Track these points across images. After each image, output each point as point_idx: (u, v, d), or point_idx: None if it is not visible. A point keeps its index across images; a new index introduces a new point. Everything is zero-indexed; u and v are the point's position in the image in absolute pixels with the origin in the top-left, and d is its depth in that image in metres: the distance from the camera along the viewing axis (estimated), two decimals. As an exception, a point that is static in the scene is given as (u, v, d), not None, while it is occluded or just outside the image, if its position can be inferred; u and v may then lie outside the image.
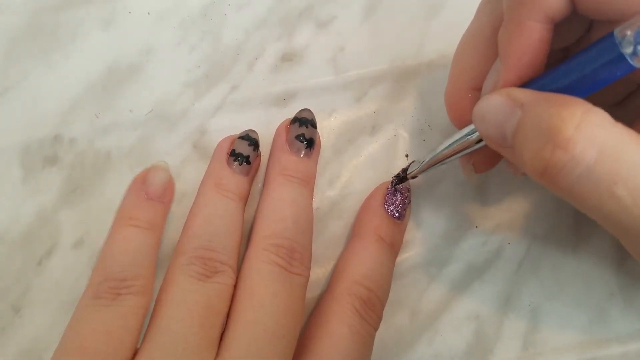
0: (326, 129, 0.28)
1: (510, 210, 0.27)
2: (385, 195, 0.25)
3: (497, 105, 0.18)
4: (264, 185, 0.25)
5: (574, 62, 0.17)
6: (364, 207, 0.26)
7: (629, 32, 0.16)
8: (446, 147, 0.22)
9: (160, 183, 0.24)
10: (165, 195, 0.25)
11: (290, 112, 0.27)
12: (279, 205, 0.24)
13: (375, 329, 0.23)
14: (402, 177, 0.25)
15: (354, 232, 0.26)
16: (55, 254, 0.26)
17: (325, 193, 0.27)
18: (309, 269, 0.23)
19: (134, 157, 0.27)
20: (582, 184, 0.16)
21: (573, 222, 0.26)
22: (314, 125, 0.26)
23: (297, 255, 0.23)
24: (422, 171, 0.24)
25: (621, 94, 0.22)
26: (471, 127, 0.21)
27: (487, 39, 0.21)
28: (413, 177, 0.25)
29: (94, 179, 0.27)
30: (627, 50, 0.16)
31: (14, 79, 0.28)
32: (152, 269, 0.23)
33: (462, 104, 0.22)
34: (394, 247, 0.25)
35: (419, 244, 0.26)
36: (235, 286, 0.22)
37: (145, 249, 0.23)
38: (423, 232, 0.26)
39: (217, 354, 0.20)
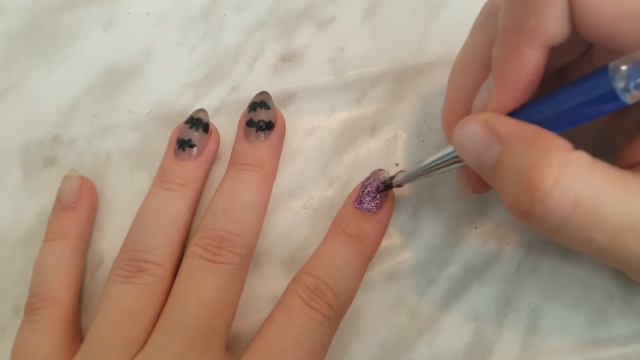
0: (326, 129, 0.28)
1: (510, 211, 0.26)
2: (358, 191, 0.25)
3: (475, 135, 0.18)
4: None
5: (566, 93, 0.17)
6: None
7: (623, 68, 0.15)
8: (432, 162, 0.22)
9: (68, 192, 0.25)
10: (76, 201, 0.25)
11: (290, 112, 0.27)
12: (215, 196, 0.24)
13: (325, 315, 0.22)
14: (388, 185, 0.25)
15: None
16: (55, 255, 0.26)
17: (324, 194, 0.27)
18: (239, 255, 0.23)
19: (133, 157, 0.27)
20: (561, 230, 0.17)
21: (573, 223, 0.26)
22: (267, 106, 0.25)
23: (225, 243, 0.23)
24: (407, 181, 0.24)
25: None
26: (447, 151, 0.21)
27: (483, 61, 0.21)
28: (398, 186, 0.25)
29: (93, 179, 0.27)
30: (620, 85, 0.15)
31: (14, 80, 0.28)
32: (62, 277, 0.24)
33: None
34: (361, 239, 0.24)
35: (418, 245, 0.26)
36: None
37: (52, 261, 0.24)
38: (422, 233, 0.26)
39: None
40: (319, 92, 0.28)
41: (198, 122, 0.25)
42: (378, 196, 0.24)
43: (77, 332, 0.24)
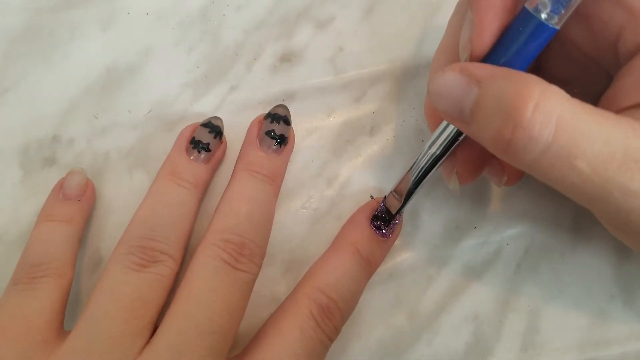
0: (325, 129, 0.28)
1: (509, 211, 0.26)
2: (375, 210, 0.25)
3: (452, 81, 0.18)
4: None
5: (506, 38, 0.19)
6: (350, 218, 0.25)
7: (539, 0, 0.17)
8: (415, 169, 0.23)
9: (74, 185, 0.25)
10: (81, 195, 0.25)
11: (290, 112, 0.27)
12: (235, 200, 0.24)
13: (331, 339, 0.22)
14: (387, 219, 0.25)
15: (334, 241, 0.25)
16: (54, 255, 0.26)
17: (324, 193, 0.27)
18: (258, 266, 0.23)
19: (132, 157, 0.27)
20: (544, 159, 0.17)
21: (572, 223, 0.26)
22: (287, 122, 0.25)
23: (246, 251, 0.22)
24: (404, 205, 0.24)
25: (598, 86, 0.22)
26: (430, 142, 0.22)
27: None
28: (397, 214, 0.24)
29: (92, 179, 0.26)
30: (543, 15, 0.17)
31: (12, 80, 0.28)
32: (69, 254, 0.23)
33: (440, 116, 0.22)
34: (371, 263, 0.24)
35: (417, 244, 0.26)
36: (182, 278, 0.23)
37: (60, 238, 0.24)
38: (422, 233, 0.26)
39: (148, 343, 0.21)
40: (318, 92, 0.28)
41: (216, 129, 0.26)
42: (396, 222, 0.25)
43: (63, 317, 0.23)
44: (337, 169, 0.27)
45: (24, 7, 0.29)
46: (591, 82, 0.22)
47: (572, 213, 0.26)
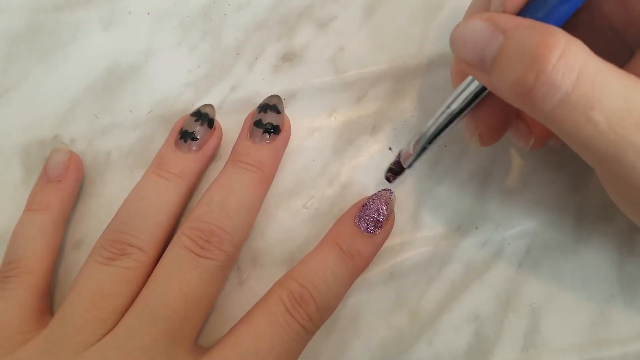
0: (326, 129, 0.28)
1: (510, 210, 0.26)
2: (360, 207, 0.24)
3: (478, 29, 0.18)
4: None
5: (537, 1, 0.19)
6: (339, 217, 0.25)
7: None
8: (432, 124, 0.23)
9: (56, 165, 0.25)
10: (62, 174, 0.25)
11: (290, 112, 0.27)
12: (211, 189, 0.24)
13: (305, 328, 0.22)
14: (398, 171, 0.25)
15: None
16: (55, 254, 0.26)
17: (325, 193, 0.27)
18: (225, 252, 0.23)
19: (133, 157, 0.27)
20: (561, 108, 0.17)
21: (573, 223, 0.26)
22: (277, 111, 0.25)
23: (214, 239, 0.23)
24: (417, 158, 0.24)
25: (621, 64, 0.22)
26: (451, 99, 0.22)
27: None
28: (409, 167, 0.24)
29: (93, 179, 0.27)
30: None
31: (14, 80, 0.28)
32: (41, 247, 0.24)
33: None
34: (354, 258, 0.24)
35: (418, 244, 0.26)
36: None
37: (33, 231, 0.24)
38: (423, 233, 0.26)
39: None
40: (319, 91, 0.28)
41: (204, 117, 0.25)
42: (381, 218, 0.24)
43: (47, 306, 0.24)
44: (338, 169, 0.27)
45: (24, 7, 0.29)
46: (614, 59, 0.22)
47: (574, 212, 0.26)
